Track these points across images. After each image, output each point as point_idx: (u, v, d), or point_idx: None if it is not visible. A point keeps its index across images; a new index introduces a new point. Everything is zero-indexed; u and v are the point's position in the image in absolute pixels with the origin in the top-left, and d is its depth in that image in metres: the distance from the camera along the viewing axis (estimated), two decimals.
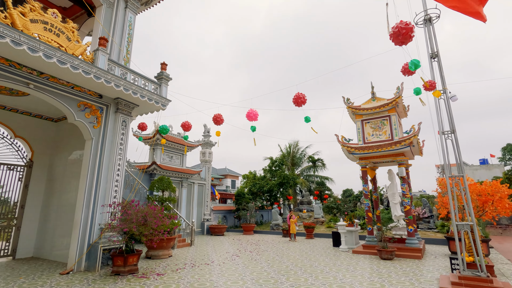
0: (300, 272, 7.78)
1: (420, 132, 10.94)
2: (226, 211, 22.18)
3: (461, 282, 5.99)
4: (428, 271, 7.93)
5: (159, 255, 9.71)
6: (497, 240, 15.41)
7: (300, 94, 7.73)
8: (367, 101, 12.53)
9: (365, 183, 11.89)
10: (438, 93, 6.44)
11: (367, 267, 8.36)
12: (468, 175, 24.38)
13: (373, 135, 11.92)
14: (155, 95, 9.49)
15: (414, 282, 6.65)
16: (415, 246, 10.11)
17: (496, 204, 11.25)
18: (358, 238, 12.94)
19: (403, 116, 12.71)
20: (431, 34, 7.48)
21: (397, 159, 11.29)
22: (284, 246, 13.09)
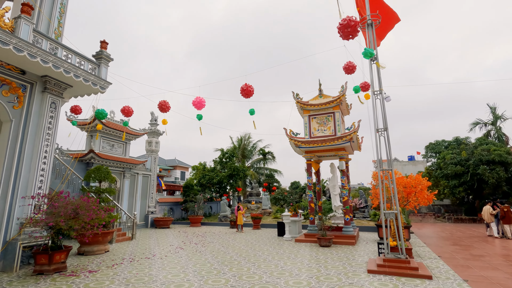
0: (243, 262, 7.88)
1: (359, 129, 11.87)
2: (173, 203, 21.46)
3: (385, 264, 6.68)
4: (359, 255, 8.70)
5: (94, 251, 8.96)
6: (417, 226, 17.66)
7: (247, 85, 7.71)
8: (315, 97, 13.11)
9: (309, 175, 12.50)
10: (368, 96, 7.00)
11: (307, 255, 8.84)
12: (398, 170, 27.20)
13: (318, 130, 12.55)
14: (92, 76, 8.58)
15: (346, 266, 7.23)
16: (350, 233, 11.02)
17: (418, 195, 12.82)
18: (301, 227, 13.63)
19: (346, 113, 13.60)
20: (371, 38, 8.06)
21: (339, 153, 12.09)
22: (230, 237, 13.17)
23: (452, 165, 18.89)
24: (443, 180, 19.52)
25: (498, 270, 6.84)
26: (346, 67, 7.32)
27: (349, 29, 5.59)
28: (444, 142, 22.31)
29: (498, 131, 22.91)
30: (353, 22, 5.63)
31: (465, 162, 18.60)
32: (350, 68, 7.11)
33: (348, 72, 7.22)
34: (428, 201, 12.92)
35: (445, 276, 6.26)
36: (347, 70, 7.22)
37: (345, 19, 5.70)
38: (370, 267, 6.76)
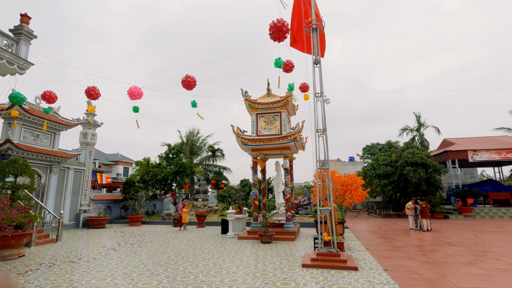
0: (181, 261, 7.58)
1: (304, 130, 12.37)
2: (111, 201, 19.83)
3: (318, 258, 7.03)
4: (297, 250, 9.04)
5: (4, 256, 7.74)
6: (352, 221, 19.16)
7: (188, 76, 7.40)
8: (263, 96, 13.26)
9: (255, 173, 12.62)
10: (307, 96, 7.31)
11: (247, 252, 8.88)
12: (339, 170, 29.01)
13: (265, 129, 12.73)
14: (7, 53, 7.37)
15: (283, 262, 7.43)
16: (290, 229, 11.42)
17: (353, 193, 13.87)
18: (245, 224, 13.70)
19: (292, 114, 14.05)
20: (315, 42, 8.40)
21: (284, 152, 12.43)
22: (171, 236, 12.63)
23: (383, 166, 20.92)
24: (376, 179, 21.52)
25: (413, 259, 7.70)
26: (285, 65, 7.51)
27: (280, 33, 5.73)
28: (378, 145, 24.62)
29: (421, 137, 26.13)
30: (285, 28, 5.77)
31: (394, 163, 20.75)
32: (289, 67, 7.31)
33: (287, 71, 7.42)
34: (362, 198, 14.05)
35: (369, 267, 6.82)
36: (286, 69, 7.41)
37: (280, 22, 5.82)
38: (305, 262, 7.05)
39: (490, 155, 21.07)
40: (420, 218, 13.71)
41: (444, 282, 5.61)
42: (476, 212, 19.95)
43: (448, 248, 9.11)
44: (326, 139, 7.91)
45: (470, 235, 11.85)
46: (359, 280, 5.73)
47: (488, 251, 8.59)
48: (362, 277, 5.98)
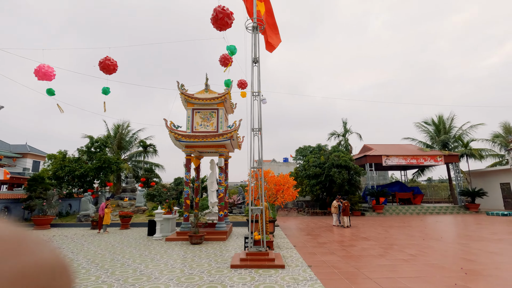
0: (94, 269, 6.65)
1: (240, 129, 12.30)
2: (11, 201, 16.62)
3: (247, 258, 6.96)
4: (227, 251, 8.87)
5: None
6: (283, 220, 19.97)
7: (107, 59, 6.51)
8: (201, 91, 12.76)
9: (188, 171, 12.04)
10: (244, 94, 7.26)
11: (174, 254, 8.34)
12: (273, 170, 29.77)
13: (201, 125, 12.26)
14: None
15: (212, 263, 7.16)
16: (222, 229, 11.20)
17: (285, 192, 14.41)
18: (175, 225, 12.97)
19: (230, 112, 13.88)
20: (256, 41, 8.37)
21: (219, 150, 12.15)
22: (87, 240, 11.15)
23: (313, 167, 22.39)
24: (306, 180, 22.90)
25: (334, 254, 8.27)
26: (222, 59, 7.29)
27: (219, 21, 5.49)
28: (310, 148, 26.28)
29: (346, 141, 28.90)
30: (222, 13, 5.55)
31: (323, 165, 22.41)
32: (225, 60, 7.11)
33: (223, 64, 7.21)
34: (292, 197, 14.70)
35: (295, 264, 7.04)
36: (222, 62, 7.20)
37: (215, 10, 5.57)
38: (234, 262, 6.91)
39: (398, 160, 24.46)
40: (342, 215, 14.99)
41: (358, 275, 6.10)
42: (386, 210, 22.90)
43: (364, 243, 10.10)
44: (261, 139, 7.93)
45: (381, 230, 13.42)
46: (285, 278, 5.83)
47: (394, 244, 9.79)
48: (288, 274, 6.11)
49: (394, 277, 5.89)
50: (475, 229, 13.29)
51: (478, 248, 8.84)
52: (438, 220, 18.03)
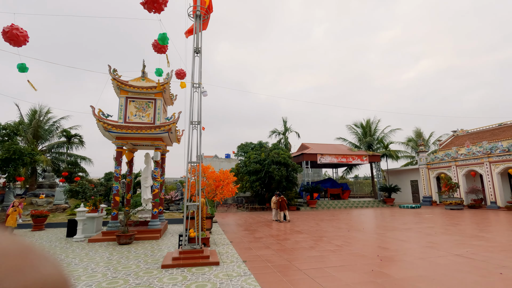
0: None
1: (181, 122, 11.71)
2: None
3: (180, 256, 6.63)
4: (160, 250, 8.36)
5: None
6: (222, 216, 19.86)
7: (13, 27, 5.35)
8: (136, 78, 11.75)
9: (118, 164, 11.00)
10: (184, 84, 6.91)
11: (97, 257, 7.50)
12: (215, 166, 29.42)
13: (136, 116, 11.30)
14: None
15: (141, 264, 6.64)
16: (156, 227, 10.55)
17: (224, 188, 14.28)
18: (101, 225, 11.76)
19: (169, 103, 13.12)
20: (198, 31, 8.00)
21: (156, 143, 11.38)
22: None
23: (254, 164, 22.78)
24: (246, 176, 23.17)
25: (269, 248, 8.47)
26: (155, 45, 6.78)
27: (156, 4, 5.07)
28: (251, 144, 26.68)
29: (286, 139, 30.19)
30: None
31: (263, 161, 22.95)
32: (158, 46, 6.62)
33: (157, 51, 6.72)
34: (232, 193, 14.66)
35: (230, 260, 6.99)
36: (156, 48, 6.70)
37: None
38: (166, 262, 6.51)
39: (331, 158, 26.51)
40: (279, 210, 15.55)
41: (290, 267, 6.33)
42: (319, 204, 24.63)
43: (297, 236, 10.61)
44: (200, 132, 7.63)
45: (313, 224, 14.33)
46: (218, 275, 5.71)
47: (323, 236, 10.52)
48: (222, 271, 6.01)
49: (321, 267, 6.27)
50: (390, 220, 15.18)
51: (391, 237, 10.06)
52: (361, 213, 20.10)
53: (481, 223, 13.37)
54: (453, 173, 24.21)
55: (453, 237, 9.63)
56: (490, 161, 21.36)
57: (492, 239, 9.11)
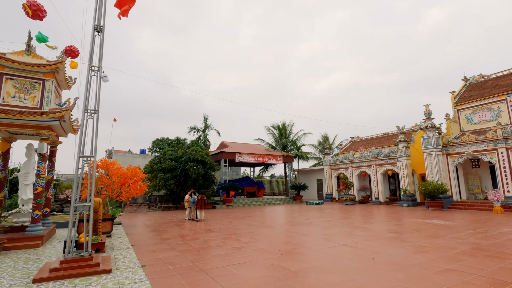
0: None
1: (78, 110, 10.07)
2: None
3: (61, 266, 5.63)
4: (37, 260, 6.97)
5: None
6: (130, 216, 18.15)
7: None
8: (19, 52, 9.57)
9: None
10: (75, 64, 5.95)
11: None
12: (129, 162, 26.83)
13: (15, 97, 9.19)
14: None
15: (3, 281, 5.35)
16: (36, 233, 8.78)
17: (132, 186, 13.00)
18: None
19: (64, 87, 11.17)
20: (101, 5, 6.97)
21: (42, 132, 9.48)
22: None
23: (169, 160, 21.59)
24: (160, 173, 21.79)
25: (175, 249, 8.03)
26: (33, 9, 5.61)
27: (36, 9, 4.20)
28: (168, 140, 25.26)
29: (205, 137, 29.71)
30: None
31: (179, 158, 21.98)
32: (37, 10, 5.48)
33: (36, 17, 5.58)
34: (141, 192, 13.46)
35: (127, 266, 6.30)
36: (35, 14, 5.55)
37: None
38: (40, 275, 5.42)
39: (249, 157, 27.33)
40: (196, 209, 15.06)
41: (193, 268, 6.10)
42: (235, 202, 25.06)
43: (207, 235, 10.43)
44: (97, 123, 6.66)
45: (226, 222, 14.40)
46: (107, 285, 5.04)
47: (233, 233, 10.63)
48: (113, 279, 5.34)
49: (225, 265, 6.24)
50: (296, 216, 16.51)
51: (295, 231, 10.89)
52: (273, 210, 21.31)
53: (366, 216, 15.79)
54: (350, 174, 28.06)
55: (344, 229, 11.04)
56: (376, 164, 25.59)
57: (372, 229, 10.81)
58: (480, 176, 20.45)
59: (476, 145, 18.79)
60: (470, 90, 22.98)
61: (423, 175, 22.82)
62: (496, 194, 16.18)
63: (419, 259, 6.41)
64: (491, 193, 16.39)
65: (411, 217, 14.68)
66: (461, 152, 19.50)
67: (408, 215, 15.62)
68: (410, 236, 9.23)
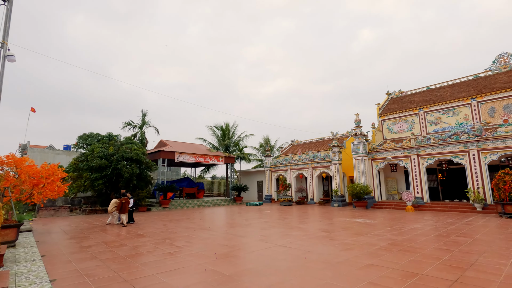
0: None
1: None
2: None
3: None
4: None
5: None
6: (46, 221, 15.75)
7: None
8: None
9: None
10: None
11: None
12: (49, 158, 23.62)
13: None
14: None
15: None
16: None
17: (47, 187, 11.23)
18: None
19: None
20: None
21: None
22: None
23: (98, 158, 19.45)
24: (86, 173, 19.47)
25: (96, 259, 7.13)
26: None
27: None
28: (98, 136, 22.76)
29: (142, 134, 27.68)
30: None
31: (111, 157, 19.97)
32: None
33: None
34: (59, 193, 11.73)
35: (31, 281, 5.32)
36: None
37: None
38: None
39: (189, 157, 26.37)
40: (119, 213, 13.74)
41: (115, 279, 5.45)
42: (172, 204, 23.86)
43: (137, 240, 9.58)
44: None
45: (160, 225, 13.52)
46: None
47: (168, 238, 9.99)
48: None
49: (154, 274, 5.74)
50: (235, 217, 16.44)
51: (232, 233, 10.76)
52: (213, 211, 20.90)
53: (301, 216, 16.57)
54: (288, 175, 29.27)
55: (280, 230, 11.33)
56: (313, 167, 27.22)
57: (306, 229, 11.33)
58: (397, 179, 23.37)
59: (394, 152, 21.40)
60: (391, 104, 26.16)
61: (352, 177, 25.07)
62: (408, 195, 18.63)
63: (346, 256, 6.87)
64: (405, 194, 18.82)
65: (340, 216, 15.91)
66: (383, 157, 21.99)
67: (338, 214, 16.90)
68: (339, 235, 9.92)
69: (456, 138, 18.51)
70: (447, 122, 21.49)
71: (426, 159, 19.80)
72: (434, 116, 22.23)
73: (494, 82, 20.51)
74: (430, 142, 19.69)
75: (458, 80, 23.31)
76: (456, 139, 18.46)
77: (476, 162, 17.52)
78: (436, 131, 21.72)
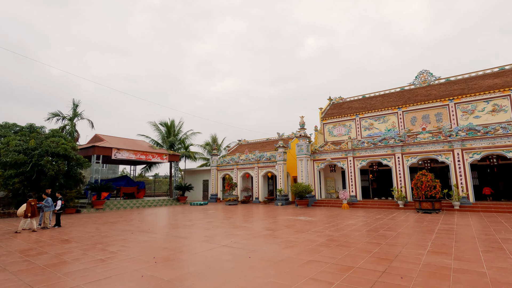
0: None
1: None
2: None
3: None
4: None
5: None
6: None
7: None
8: None
9: None
10: None
11: None
12: None
13: None
14: None
15: None
16: None
17: None
18: None
19: None
20: None
21: None
22: None
23: (14, 153, 16.67)
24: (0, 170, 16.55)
25: (5, 271, 6.02)
26: None
27: None
28: (15, 126, 19.55)
29: (73, 127, 24.68)
30: None
31: (31, 151, 17.32)
32: None
33: None
34: None
35: None
36: None
37: None
38: None
39: (129, 154, 24.43)
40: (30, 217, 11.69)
41: None
42: (107, 205, 21.79)
43: (61, 247, 8.42)
44: None
45: (91, 228, 12.16)
46: None
47: (99, 242, 9.00)
48: None
49: (79, 284, 5.05)
50: (178, 218, 15.72)
51: (174, 235, 10.21)
52: (153, 212, 19.67)
53: (246, 215, 16.65)
54: (235, 175, 29.24)
55: (225, 229, 11.16)
56: (259, 166, 27.66)
57: (250, 228, 11.37)
58: (335, 179, 25.17)
59: (334, 154, 23.00)
60: (332, 109, 28.09)
61: (295, 177, 26.18)
62: (344, 194, 20.18)
63: (288, 253, 7.03)
64: (341, 193, 20.34)
65: (283, 214, 16.42)
66: (324, 159, 23.45)
67: (281, 213, 17.42)
68: (282, 233, 10.17)
69: (385, 142, 20.70)
70: (378, 128, 23.92)
71: (361, 160, 21.72)
72: (368, 122, 24.54)
73: (415, 95, 23.54)
74: (364, 146, 21.66)
75: (388, 91, 26.15)
76: (385, 144, 20.65)
77: (400, 164, 19.84)
78: (369, 135, 24.01)
